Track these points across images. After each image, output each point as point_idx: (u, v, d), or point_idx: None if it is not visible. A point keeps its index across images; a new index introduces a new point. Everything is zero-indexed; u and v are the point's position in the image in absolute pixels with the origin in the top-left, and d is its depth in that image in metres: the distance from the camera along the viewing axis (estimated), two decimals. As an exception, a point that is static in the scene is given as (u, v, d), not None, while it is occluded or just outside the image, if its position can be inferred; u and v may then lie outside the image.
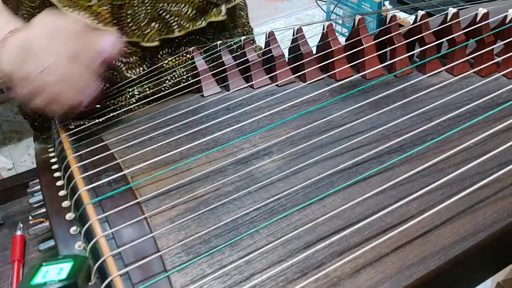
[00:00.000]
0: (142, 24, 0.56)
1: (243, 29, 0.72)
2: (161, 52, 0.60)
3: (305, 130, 0.46)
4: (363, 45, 0.56)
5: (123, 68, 0.59)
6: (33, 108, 0.46)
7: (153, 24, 0.57)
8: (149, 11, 0.55)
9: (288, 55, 0.59)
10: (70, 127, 0.52)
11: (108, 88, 0.59)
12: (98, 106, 0.59)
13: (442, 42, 0.57)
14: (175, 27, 0.58)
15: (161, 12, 0.56)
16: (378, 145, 0.43)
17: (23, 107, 0.69)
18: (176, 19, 0.58)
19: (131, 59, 0.59)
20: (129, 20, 0.54)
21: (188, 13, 0.58)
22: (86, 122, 0.57)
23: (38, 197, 0.45)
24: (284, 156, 0.44)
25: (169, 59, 0.61)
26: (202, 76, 0.57)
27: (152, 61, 0.60)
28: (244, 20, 0.72)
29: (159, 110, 0.54)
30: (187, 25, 0.59)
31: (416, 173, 0.39)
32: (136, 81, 0.60)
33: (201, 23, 0.60)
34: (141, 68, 0.60)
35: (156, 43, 0.58)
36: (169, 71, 0.61)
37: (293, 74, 0.57)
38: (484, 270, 0.45)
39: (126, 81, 0.60)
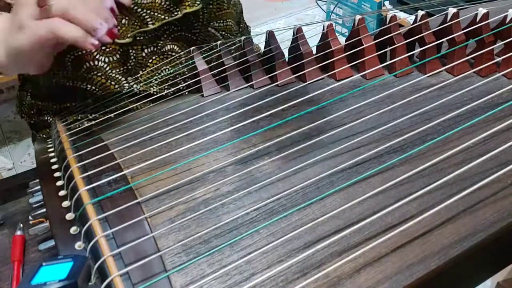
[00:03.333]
0: None
1: (235, 21, 0.70)
2: (146, 51, 0.60)
3: (305, 130, 0.46)
4: (363, 45, 0.56)
5: (107, 68, 0.59)
6: (57, 45, 0.43)
7: (123, 21, 0.56)
8: None
9: (288, 55, 0.59)
10: (68, 120, 0.52)
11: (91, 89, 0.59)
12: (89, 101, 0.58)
13: (442, 42, 0.57)
14: (148, 19, 0.58)
15: (132, 7, 0.56)
16: (378, 145, 0.43)
17: (21, 106, 0.69)
18: (148, 11, 0.57)
19: (112, 59, 0.58)
20: None
21: (162, 3, 0.58)
22: (81, 118, 0.57)
23: (38, 197, 0.45)
24: (284, 156, 0.44)
25: (153, 57, 0.60)
26: (202, 76, 0.57)
27: (137, 60, 0.60)
28: (233, 10, 0.70)
29: (159, 110, 0.54)
30: (162, 17, 0.58)
31: (416, 173, 0.39)
32: (123, 81, 0.60)
33: (177, 13, 0.59)
34: (124, 67, 0.60)
35: (128, 40, 0.57)
36: (156, 71, 0.61)
37: (293, 74, 0.57)
38: (484, 270, 0.45)
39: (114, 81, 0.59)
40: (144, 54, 0.60)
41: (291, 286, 0.34)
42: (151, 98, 0.62)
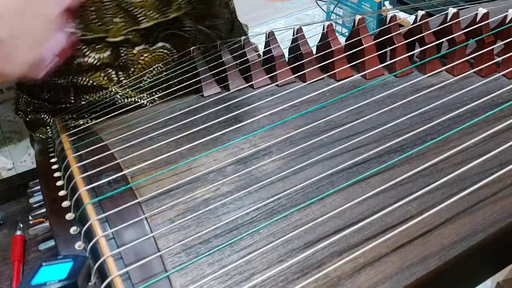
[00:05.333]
0: (106, 20, 0.55)
1: (225, 19, 0.70)
2: (137, 49, 0.60)
3: (305, 130, 0.46)
4: (363, 45, 0.56)
5: (97, 64, 0.59)
6: None
7: (116, 19, 0.56)
8: (111, 5, 0.55)
9: (288, 55, 0.59)
10: (68, 122, 0.52)
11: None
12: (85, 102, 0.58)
13: (442, 42, 0.57)
14: (141, 18, 0.57)
15: (124, 5, 0.56)
16: (378, 145, 0.43)
17: (17, 104, 0.69)
18: (141, 10, 0.57)
19: (102, 55, 0.58)
20: (93, 16, 0.54)
21: (154, 2, 0.57)
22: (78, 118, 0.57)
23: (38, 197, 0.45)
24: (284, 156, 0.44)
25: (145, 55, 0.60)
26: (202, 76, 0.57)
27: (128, 57, 0.60)
28: (224, 9, 0.69)
29: (159, 110, 0.54)
30: (155, 16, 0.58)
31: (416, 173, 0.39)
32: (113, 75, 0.60)
33: (169, 15, 0.58)
34: (115, 63, 0.60)
35: (120, 38, 0.57)
36: (147, 68, 0.61)
37: (293, 74, 0.57)
38: (484, 270, 0.45)
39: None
40: (135, 52, 0.60)
41: (291, 286, 0.34)
42: (142, 102, 0.62)
